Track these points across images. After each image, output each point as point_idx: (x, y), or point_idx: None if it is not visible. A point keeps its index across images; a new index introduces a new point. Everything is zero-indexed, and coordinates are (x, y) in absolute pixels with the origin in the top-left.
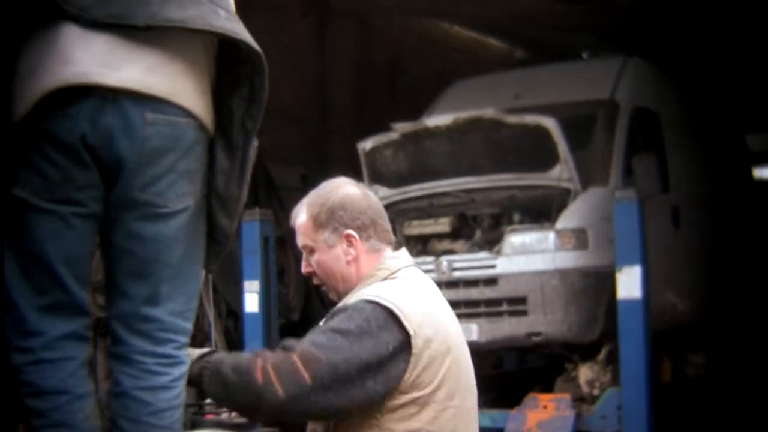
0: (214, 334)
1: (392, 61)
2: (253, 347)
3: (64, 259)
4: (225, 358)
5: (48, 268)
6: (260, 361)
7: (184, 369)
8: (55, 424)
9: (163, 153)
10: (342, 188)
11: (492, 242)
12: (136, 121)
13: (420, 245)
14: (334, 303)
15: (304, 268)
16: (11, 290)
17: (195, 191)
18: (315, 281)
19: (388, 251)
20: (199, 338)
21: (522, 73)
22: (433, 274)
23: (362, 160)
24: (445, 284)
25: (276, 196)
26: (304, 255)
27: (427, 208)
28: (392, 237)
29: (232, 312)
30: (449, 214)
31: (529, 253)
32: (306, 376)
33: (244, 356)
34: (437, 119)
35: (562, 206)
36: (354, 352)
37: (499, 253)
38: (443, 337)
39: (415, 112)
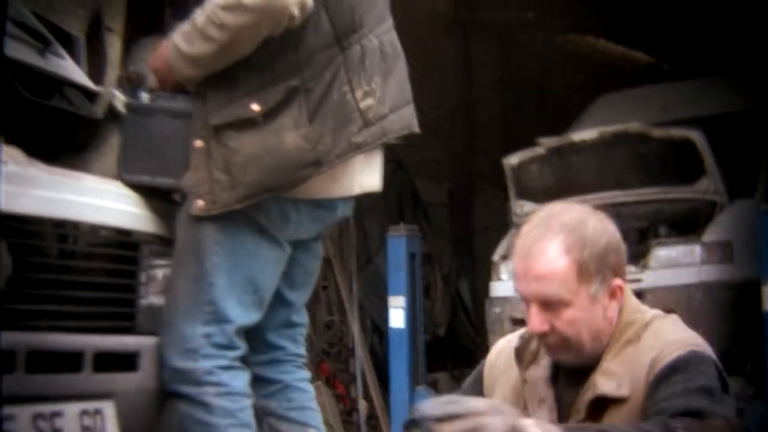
0: (359, 351)
1: (538, 76)
2: (398, 363)
3: (273, 284)
4: None
5: (259, 291)
6: None
7: None
8: (241, 424)
9: None
10: (596, 220)
11: (638, 256)
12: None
13: None
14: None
15: (541, 326)
16: (227, 307)
17: None
18: (549, 341)
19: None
20: (343, 354)
21: (669, 87)
22: None
23: (508, 175)
24: None
25: (422, 212)
26: (538, 308)
27: None
28: None
29: (377, 328)
30: None
31: (675, 267)
32: None
33: None
34: (583, 133)
35: (708, 219)
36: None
37: (645, 267)
38: None
39: (561, 126)
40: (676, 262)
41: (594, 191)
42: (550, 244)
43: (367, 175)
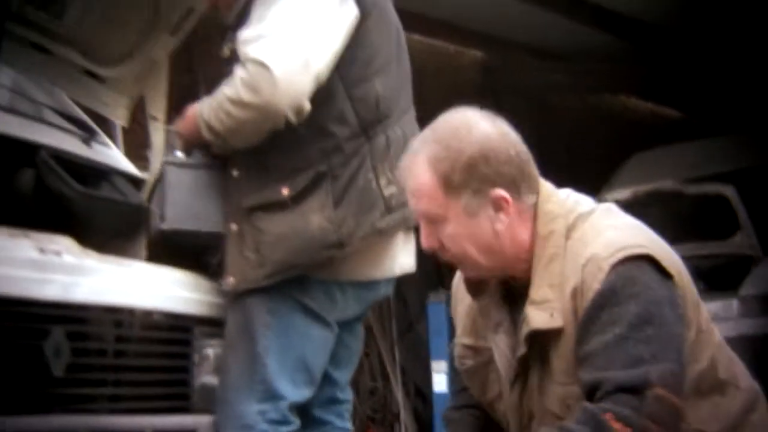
0: (404, 415)
1: (568, 136)
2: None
3: (323, 363)
4: None
5: (310, 370)
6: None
7: None
8: None
9: None
10: (475, 128)
11: None
12: None
13: None
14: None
15: (427, 243)
16: (280, 386)
17: None
18: (445, 257)
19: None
20: (388, 419)
21: (700, 144)
22: None
23: None
24: None
25: None
26: (424, 223)
27: None
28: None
29: (421, 392)
30: None
31: (713, 321)
32: (677, 402)
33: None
34: (616, 194)
35: (744, 273)
36: (674, 332)
37: None
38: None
39: (593, 185)
40: (715, 317)
41: None
42: (418, 157)
43: (405, 257)
